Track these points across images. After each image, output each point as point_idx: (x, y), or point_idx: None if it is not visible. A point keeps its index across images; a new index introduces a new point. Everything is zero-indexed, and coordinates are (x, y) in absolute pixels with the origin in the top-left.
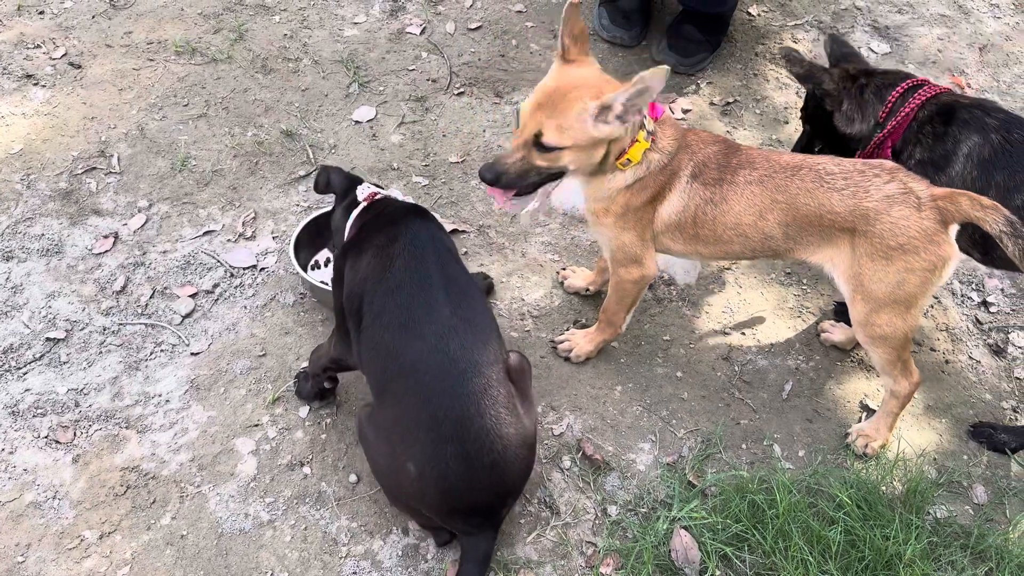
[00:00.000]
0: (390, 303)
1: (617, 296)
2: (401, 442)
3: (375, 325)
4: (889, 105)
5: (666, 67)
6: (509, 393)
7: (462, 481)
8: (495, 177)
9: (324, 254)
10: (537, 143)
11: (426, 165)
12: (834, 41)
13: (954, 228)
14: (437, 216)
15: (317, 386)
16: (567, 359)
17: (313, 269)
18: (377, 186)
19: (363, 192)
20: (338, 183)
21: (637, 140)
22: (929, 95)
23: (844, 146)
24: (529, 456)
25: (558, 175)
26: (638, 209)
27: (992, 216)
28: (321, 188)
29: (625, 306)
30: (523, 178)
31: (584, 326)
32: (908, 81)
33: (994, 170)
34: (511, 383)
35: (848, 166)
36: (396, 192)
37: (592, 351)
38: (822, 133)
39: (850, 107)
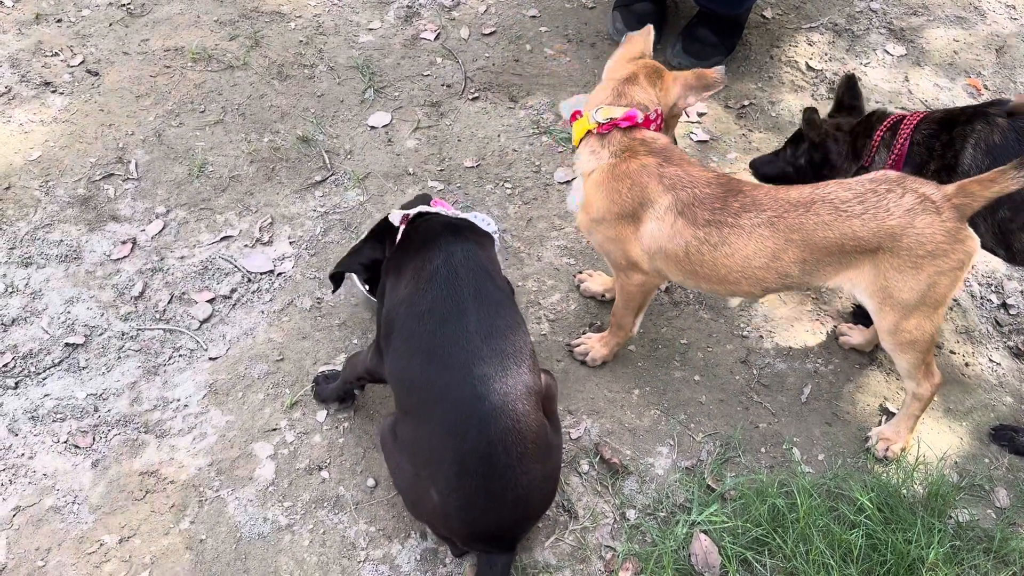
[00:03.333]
0: (420, 328)
1: (622, 299)
2: (425, 467)
3: (405, 347)
4: (877, 142)
5: None
6: (540, 425)
7: (484, 514)
8: None
9: None
10: None
11: (441, 170)
12: (849, 84)
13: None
14: (486, 220)
15: (343, 389)
16: (583, 363)
17: None
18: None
19: (396, 217)
20: (375, 251)
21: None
22: (914, 124)
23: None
24: (552, 486)
25: None
26: (609, 221)
27: (1004, 179)
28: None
29: (631, 309)
30: None
31: (600, 330)
32: (890, 118)
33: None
34: (543, 412)
35: (858, 188)
36: (442, 207)
37: (608, 355)
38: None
39: (840, 152)
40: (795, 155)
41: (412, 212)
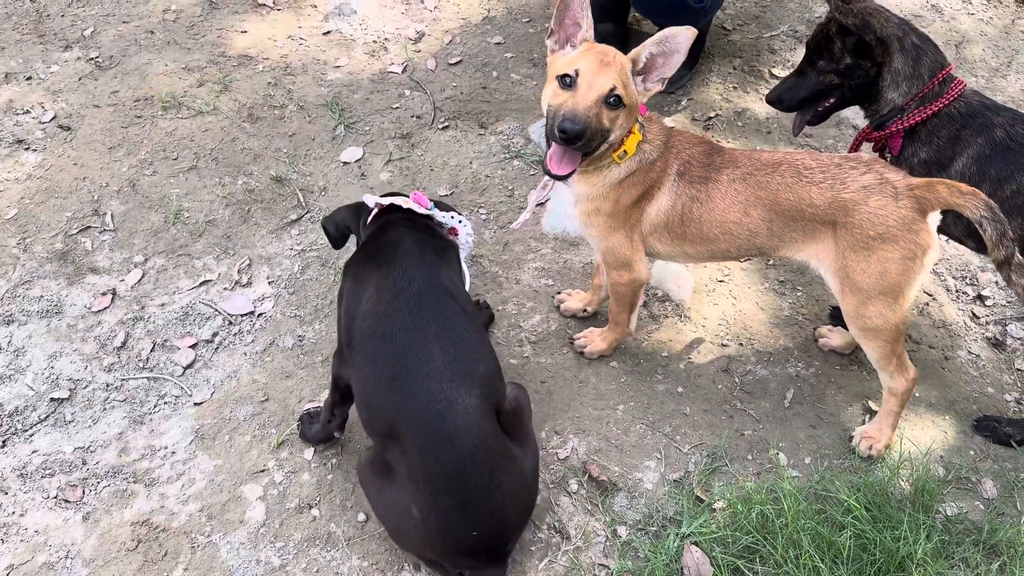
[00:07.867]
0: (383, 351)
1: (615, 298)
2: (403, 488)
3: (367, 369)
4: (929, 88)
5: (693, 29)
6: (504, 439)
7: (463, 529)
8: (582, 130)
9: None
10: (607, 100)
11: None
12: None
13: (934, 217)
14: (464, 223)
15: (326, 433)
16: (582, 354)
17: None
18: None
19: (370, 201)
20: (349, 220)
21: (632, 132)
22: (958, 92)
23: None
24: (529, 495)
25: (600, 142)
26: (627, 209)
27: (972, 202)
28: (336, 239)
29: (625, 307)
30: (594, 139)
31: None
32: (948, 68)
33: (990, 164)
34: (509, 424)
35: (826, 160)
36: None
37: (605, 349)
38: (849, 92)
39: (904, 67)
40: (832, 61)
41: (386, 202)
